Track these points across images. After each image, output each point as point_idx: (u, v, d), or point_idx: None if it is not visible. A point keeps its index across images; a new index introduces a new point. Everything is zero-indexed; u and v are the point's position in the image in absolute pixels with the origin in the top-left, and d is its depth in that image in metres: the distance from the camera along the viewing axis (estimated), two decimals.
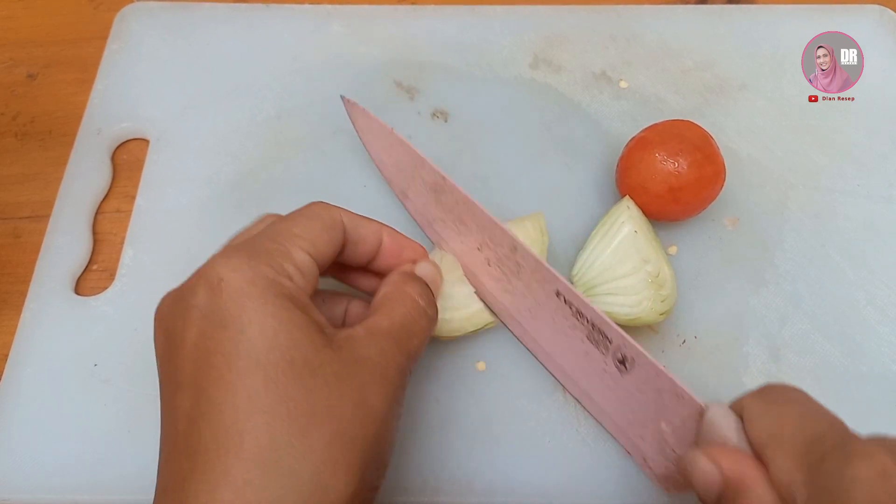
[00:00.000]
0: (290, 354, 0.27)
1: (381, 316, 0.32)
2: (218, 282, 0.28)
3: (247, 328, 0.27)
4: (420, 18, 0.53)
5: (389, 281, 0.34)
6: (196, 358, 0.27)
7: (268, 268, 0.29)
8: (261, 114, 0.49)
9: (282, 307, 0.28)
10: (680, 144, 0.40)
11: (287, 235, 0.31)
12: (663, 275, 0.38)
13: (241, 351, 0.26)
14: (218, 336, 0.27)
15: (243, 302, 0.27)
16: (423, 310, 0.33)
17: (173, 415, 0.27)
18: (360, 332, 0.30)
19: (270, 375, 0.26)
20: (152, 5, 0.54)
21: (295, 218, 0.32)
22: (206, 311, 0.27)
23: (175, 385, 0.28)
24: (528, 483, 0.37)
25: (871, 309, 0.42)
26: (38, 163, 0.48)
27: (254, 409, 0.26)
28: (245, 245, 0.30)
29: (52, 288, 0.42)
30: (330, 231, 0.32)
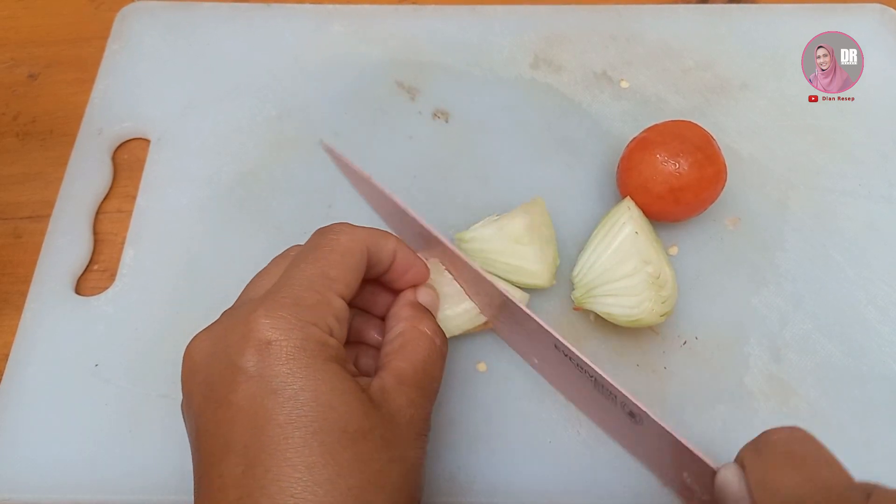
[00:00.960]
0: (344, 422, 0.27)
1: (404, 361, 0.31)
2: (267, 345, 0.27)
3: (300, 396, 0.27)
4: (421, 18, 0.53)
5: (402, 317, 0.34)
6: (247, 424, 0.26)
7: (314, 328, 0.28)
8: (261, 114, 0.49)
9: (332, 372, 0.28)
10: (681, 145, 0.40)
11: (325, 281, 0.30)
12: (664, 276, 0.38)
13: (296, 420, 0.26)
14: (270, 403, 0.26)
15: (295, 368, 0.27)
16: (439, 349, 0.33)
17: (221, 480, 0.26)
18: (390, 384, 0.30)
19: (327, 446, 0.26)
20: (153, 5, 0.54)
21: (328, 256, 0.31)
22: (256, 375, 0.27)
23: (223, 449, 0.27)
24: (528, 483, 0.37)
25: (872, 309, 0.42)
26: (39, 163, 0.48)
27: (315, 482, 0.25)
28: (285, 298, 0.29)
29: (53, 288, 0.42)
30: (360, 266, 0.32)
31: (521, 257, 0.39)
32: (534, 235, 0.40)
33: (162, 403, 0.38)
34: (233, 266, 0.43)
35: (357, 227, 0.33)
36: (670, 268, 0.39)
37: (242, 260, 0.43)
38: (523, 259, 0.39)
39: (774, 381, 0.39)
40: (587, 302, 0.39)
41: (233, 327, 0.28)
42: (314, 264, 0.30)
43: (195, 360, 0.29)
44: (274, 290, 0.29)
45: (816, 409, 0.38)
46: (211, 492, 0.27)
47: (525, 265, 0.39)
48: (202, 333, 0.30)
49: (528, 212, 0.40)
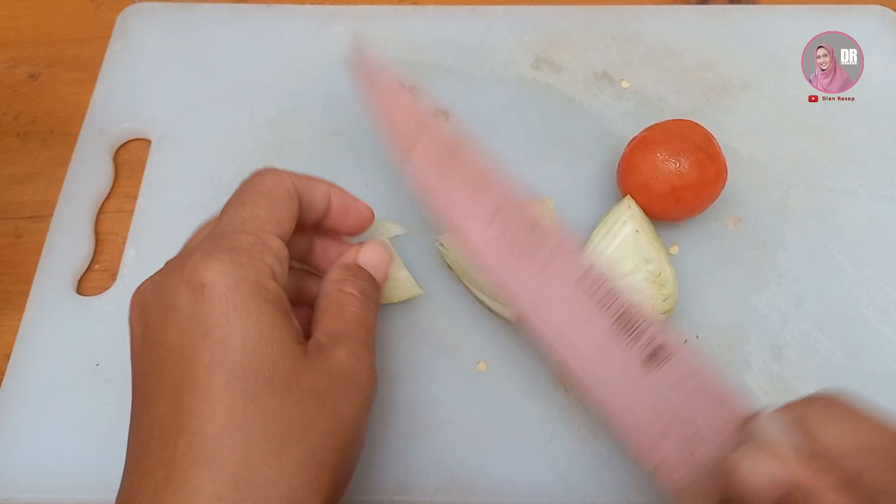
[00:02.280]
0: (270, 370, 0.27)
1: (332, 319, 0.31)
2: (201, 287, 0.27)
3: (228, 339, 0.27)
4: (421, 19, 0.53)
5: (329, 279, 0.34)
6: (176, 363, 0.27)
7: (251, 269, 0.28)
8: (262, 114, 0.49)
9: (265, 317, 0.27)
10: (682, 144, 0.40)
11: (256, 222, 0.30)
12: (665, 274, 0.38)
13: (222, 363, 0.26)
14: (199, 344, 0.26)
15: (227, 310, 0.27)
16: (368, 307, 0.33)
17: (147, 418, 0.27)
18: (324, 340, 0.30)
19: (249, 392, 0.26)
20: (154, 5, 0.54)
21: (255, 199, 0.31)
22: (189, 315, 0.27)
23: (152, 387, 0.27)
24: (529, 482, 0.37)
25: (873, 308, 0.42)
26: (40, 163, 0.48)
27: (232, 426, 0.25)
28: (223, 242, 0.29)
29: (54, 288, 0.42)
30: (290, 204, 0.32)
31: None
32: None
33: None
34: None
35: (282, 170, 0.33)
36: (671, 267, 0.39)
37: None
38: None
39: (775, 380, 0.39)
40: None
41: (171, 272, 0.29)
42: (242, 207, 0.31)
43: (138, 305, 0.29)
44: (209, 237, 0.30)
45: None
46: (140, 428, 0.27)
47: None
48: (145, 281, 0.30)
49: None
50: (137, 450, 0.27)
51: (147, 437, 0.26)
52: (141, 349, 0.29)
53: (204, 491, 0.24)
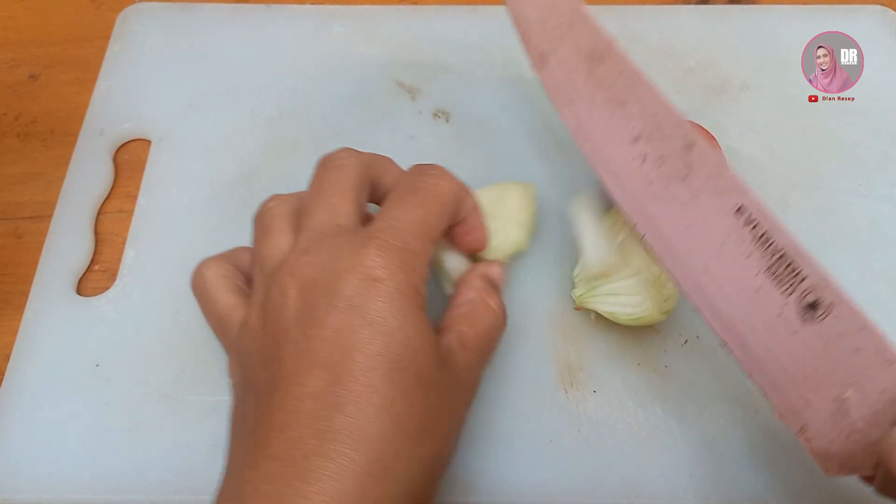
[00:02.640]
0: (422, 370, 0.29)
1: (469, 328, 0.33)
2: (374, 281, 0.29)
3: (394, 334, 0.28)
4: (422, 19, 0.53)
5: (473, 286, 0.35)
6: (338, 345, 0.28)
7: (415, 274, 0.30)
8: (262, 114, 0.49)
9: (421, 320, 0.29)
10: None
11: (426, 229, 0.31)
12: (665, 276, 0.38)
13: (385, 354, 0.28)
14: (365, 333, 0.28)
15: (394, 308, 0.28)
16: (501, 324, 0.35)
17: (300, 390, 0.28)
18: (455, 346, 0.32)
19: (406, 385, 0.28)
20: (154, 6, 0.54)
21: (428, 203, 0.32)
22: (357, 305, 0.28)
23: (310, 362, 0.28)
24: (529, 482, 0.37)
25: (874, 309, 0.41)
26: (40, 163, 0.48)
27: (387, 413, 0.27)
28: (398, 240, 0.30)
29: (54, 288, 0.42)
30: (452, 214, 0.34)
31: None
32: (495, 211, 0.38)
33: (163, 403, 0.38)
34: None
35: (450, 174, 0.34)
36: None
37: None
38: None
39: None
40: (588, 301, 0.39)
41: (341, 257, 0.29)
42: (418, 208, 0.32)
43: (299, 279, 0.30)
44: (381, 229, 0.30)
45: None
46: (287, 398, 0.28)
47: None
48: (307, 255, 0.30)
49: (503, 189, 0.40)
50: (286, 416, 0.28)
51: (298, 407, 0.27)
52: (297, 323, 0.29)
53: (356, 466, 0.26)
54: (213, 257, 0.36)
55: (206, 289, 0.34)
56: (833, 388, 0.28)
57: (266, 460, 0.27)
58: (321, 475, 0.26)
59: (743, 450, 0.37)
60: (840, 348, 0.27)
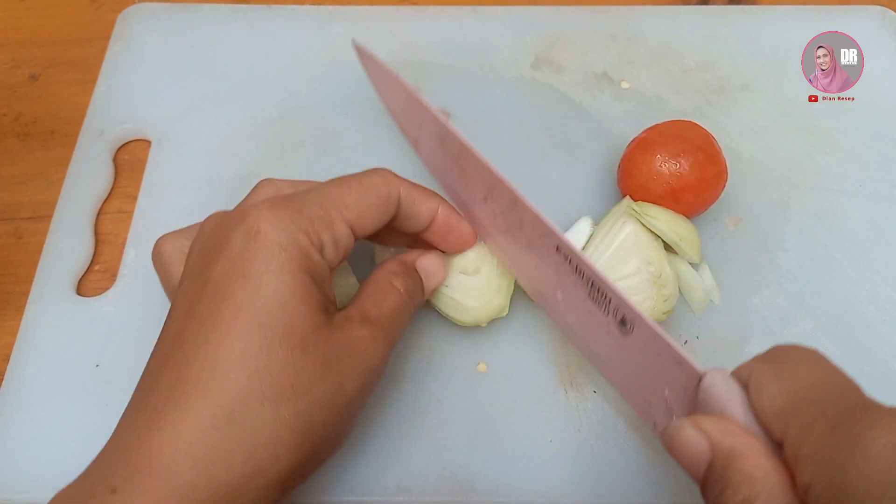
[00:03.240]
0: (291, 328, 0.28)
1: (371, 303, 0.33)
2: (255, 233, 0.29)
3: (263, 288, 0.28)
4: (422, 19, 0.53)
5: (385, 268, 0.35)
6: (211, 294, 0.29)
7: (304, 235, 0.30)
8: (262, 115, 0.49)
9: (300, 281, 0.29)
10: (681, 145, 0.40)
11: (337, 204, 0.32)
12: (665, 275, 0.38)
13: (249, 307, 0.28)
14: (236, 284, 0.28)
15: (269, 261, 0.29)
16: (407, 304, 0.34)
17: (171, 338, 0.29)
18: (355, 316, 0.31)
19: (267, 340, 0.28)
20: (154, 6, 0.54)
21: (351, 185, 0.33)
22: (236, 255, 0.29)
23: (185, 308, 0.29)
24: (529, 483, 0.36)
25: (874, 309, 0.42)
26: (40, 163, 0.48)
27: (242, 367, 0.27)
28: (293, 202, 0.31)
29: (54, 288, 0.42)
30: (382, 206, 0.33)
31: (462, 291, 0.38)
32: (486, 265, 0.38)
33: None
34: None
35: (396, 176, 0.34)
36: (671, 267, 0.39)
37: None
38: (464, 293, 0.38)
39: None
40: None
41: (236, 213, 0.31)
42: (336, 187, 0.32)
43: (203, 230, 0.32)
44: (288, 195, 0.32)
45: None
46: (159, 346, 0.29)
47: (463, 300, 0.38)
48: (218, 213, 0.32)
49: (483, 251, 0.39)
50: (153, 361, 0.29)
51: (163, 360, 0.28)
52: (191, 272, 0.31)
53: (200, 417, 0.26)
54: (170, 232, 0.36)
55: (162, 262, 0.35)
56: (659, 388, 0.31)
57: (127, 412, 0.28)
58: (165, 426, 0.26)
59: None
60: (650, 354, 0.30)
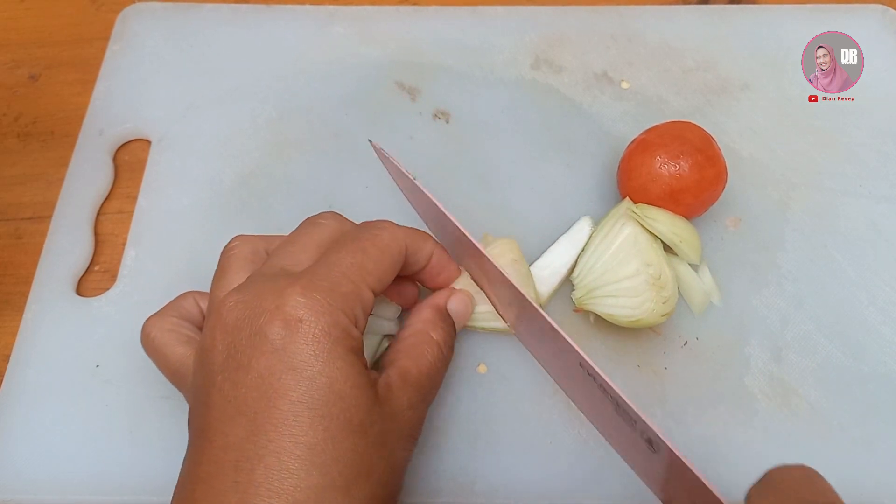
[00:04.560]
0: (350, 414, 0.28)
1: (410, 361, 0.33)
2: (297, 322, 0.28)
3: (317, 379, 0.28)
4: (422, 20, 0.53)
5: (420, 317, 0.35)
6: (261, 392, 0.27)
7: (343, 315, 0.29)
8: (262, 115, 0.49)
9: (349, 363, 0.29)
10: (681, 146, 0.40)
11: (361, 273, 0.31)
12: (665, 276, 0.38)
13: (308, 401, 0.27)
14: (287, 379, 0.27)
15: (318, 351, 0.28)
16: (444, 358, 0.34)
17: (224, 440, 0.27)
18: (395, 381, 0.31)
19: (330, 432, 0.27)
20: (154, 6, 0.54)
21: (367, 250, 0.32)
22: (280, 348, 0.28)
23: (234, 411, 0.28)
24: (529, 484, 0.37)
25: (873, 309, 0.42)
26: (40, 164, 0.48)
27: (312, 463, 0.27)
28: (323, 281, 0.30)
29: (54, 289, 0.42)
30: (396, 264, 0.33)
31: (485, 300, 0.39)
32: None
33: (162, 405, 0.38)
34: None
35: (399, 227, 0.34)
36: (671, 268, 0.39)
37: None
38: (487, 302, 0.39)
39: (775, 381, 0.39)
40: (588, 303, 0.39)
41: (267, 296, 0.29)
42: (354, 255, 0.31)
43: (226, 320, 0.29)
44: (312, 271, 0.30)
45: (817, 409, 0.38)
46: (211, 449, 0.28)
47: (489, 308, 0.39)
48: (234, 293, 0.30)
49: (501, 253, 0.39)
50: (210, 467, 0.27)
51: (222, 459, 0.27)
52: (224, 367, 0.29)
53: None
54: (155, 314, 0.35)
55: (154, 347, 0.34)
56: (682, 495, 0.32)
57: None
58: None
59: (742, 451, 0.37)
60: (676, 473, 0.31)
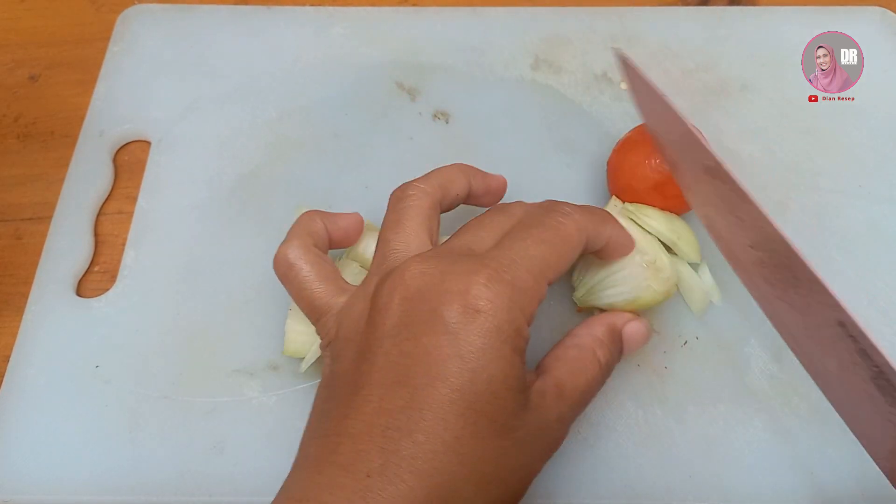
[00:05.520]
0: (498, 414, 0.28)
1: (569, 375, 0.32)
2: (475, 312, 0.28)
3: (479, 373, 0.27)
4: (421, 20, 0.53)
5: (591, 332, 0.34)
6: (425, 369, 0.27)
7: (519, 313, 0.29)
8: (262, 115, 0.49)
9: (511, 363, 0.28)
10: None
11: (543, 267, 0.30)
12: (661, 262, 0.38)
13: (465, 391, 0.27)
14: (452, 365, 0.27)
15: (487, 346, 0.28)
16: (603, 381, 0.33)
17: (379, 404, 0.27)
18: (550, 392, 0.30)
19: (478, 427, 0.27)
20: (154, 7, 0.54)
21: (553, 241, 0.31)
22: (453, 332, 0.28)
23: (394, 377, 0.28)
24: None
25: (874, 310, 0.42)
26: (40, 164, 0.48)
27: (454, 452, 0.27)
28: (508, 273, 0.29)
29: (54, 289, 0.42)
30: (575, 254, 0.32)
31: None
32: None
33: (162, 405, 0.38)
34: (234, 267, 0.43)
35: (582, 213, 0.33)
36: (668, 256, 0.38)
37: (243, 261, 0.43)
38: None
39: (775, 381, 0.39)
40: (589, 300, 0.39)
41: (452, 276, 0.29)
42: (539, 245, 0.31)
43: (408, 286, 0.29)
44: (497, 258, 0.30)
45: (817, 409, 0.38)
46: (365, 408, 0.27)
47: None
48: (420, 262, 0.30)
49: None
50: (359, 426, 0.27)
51: (373, 421, 0.27)
52: (395, 333, 0.29)
53: (413, 495, 0.26)
54: (291, 240, 0.34)
55: (298, 280, 0.34)
56: None
57: (331, 467, 0.27)
58: (378, 497, 0.25)
59: (742, 451, 0.37)
60: None
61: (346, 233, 0.37)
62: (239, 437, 0.38)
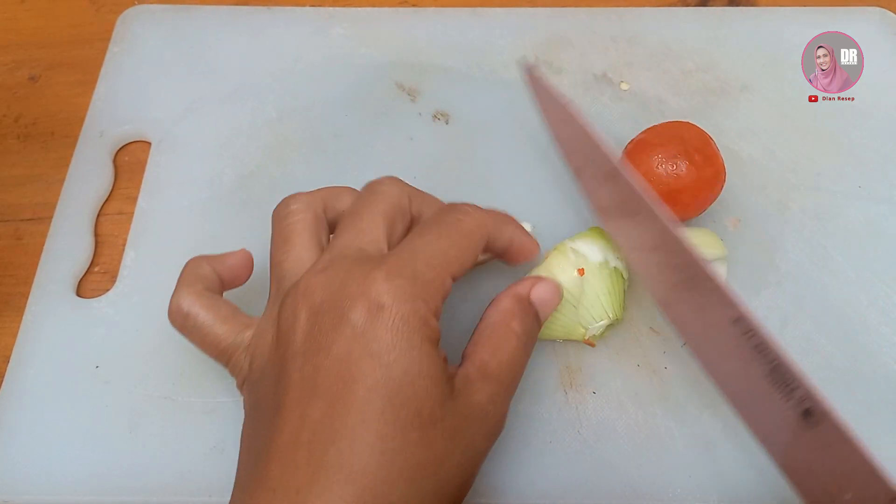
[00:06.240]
0: (421, 405, 0.28)
1: (489, 353, 0.32)
2: (379, 308, 0.28)
3: (393, 368, 0.27)
4: (421, 20, 0.53)
5: (499, 309, 0.34)
6: (338, 376, 0.28)
7: (424, 304, 0.29)
8: (262, 116, 0.49)
9: (425, 353, 0.28)
10: (678, 146, 0.40)
11: (444, 260, 0.31)
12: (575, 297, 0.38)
13: (381, 389, 0.27)
14: (364, 365, 0.27)
15: (396, 339, 0.28)
16: (525, 348, 0.33)
17: (300, 421, 0.28)
18: (474, 375, 0.31)
19: (401, 421, 0.27)
20: (154, 7, 0.54)
21: (451, 236, 0.32)
22: (360, 333, 0.28)
23: (310, 392, 0.28)
24: (529, 484, 0.36)
25: (873, 310, 0.42)
26: (40, 165, 0.48)
27: (382, 449, 0.27)
28: (408, 268, 0.29)
29: (54, 290, 0.42)
30: (478, 250, 0.33)
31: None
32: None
33: (162, 405, 0.38)
34: None
35: (481, 211, 0.34)
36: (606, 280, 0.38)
37: None
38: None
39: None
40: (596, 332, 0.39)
41: (351, 280, 0.29)
42: (438, 240, 0.31)
43: (311, 301, 0.29)
44: (396, 256, 0.30)
45: None
46: (286, 427, 0.28)
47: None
48: (318, 275, 0.30)
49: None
50: (284, 440, 0.27)
51: (297, 437, 0.27)
52: (304, 349, 0.29)
53: (345, 501, 0.26)
54: (181, 289, 0.34)
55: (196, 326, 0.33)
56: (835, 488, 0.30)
57: (262, 491, 0.27)
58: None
59: (742, 451, 0.37)
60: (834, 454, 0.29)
61: (235, 271, 0.36)
62: (239, 438, 0.38)
